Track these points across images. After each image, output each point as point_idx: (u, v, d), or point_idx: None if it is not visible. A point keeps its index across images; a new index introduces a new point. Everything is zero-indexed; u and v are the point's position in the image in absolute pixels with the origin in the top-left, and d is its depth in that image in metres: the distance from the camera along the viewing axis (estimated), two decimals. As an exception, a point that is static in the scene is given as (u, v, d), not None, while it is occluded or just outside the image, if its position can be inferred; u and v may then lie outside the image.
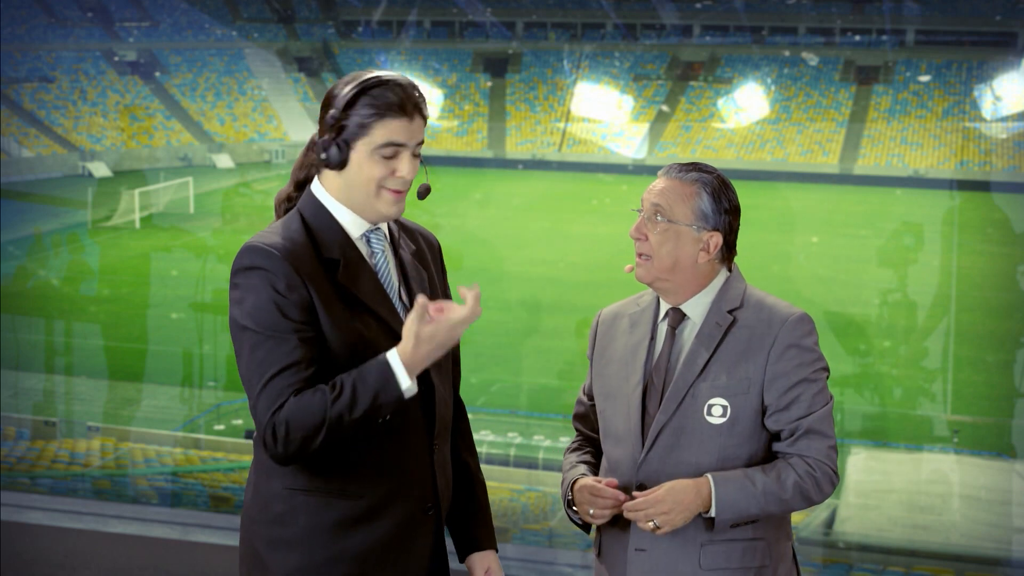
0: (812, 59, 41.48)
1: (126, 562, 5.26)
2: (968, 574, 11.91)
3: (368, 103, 2.33)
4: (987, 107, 38.47)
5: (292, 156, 40.37)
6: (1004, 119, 37.37)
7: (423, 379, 2.40)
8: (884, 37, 40.96)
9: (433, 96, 42.73)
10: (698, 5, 42.30)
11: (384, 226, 2.46)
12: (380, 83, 2.34)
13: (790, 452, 2.44)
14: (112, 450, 14.88)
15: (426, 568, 2.44)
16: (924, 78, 39.99)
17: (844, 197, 35.57)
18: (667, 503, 2.41)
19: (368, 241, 2.43)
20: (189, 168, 37.26)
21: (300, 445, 2.22)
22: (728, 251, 2.56)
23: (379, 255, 2.43)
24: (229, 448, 16.46)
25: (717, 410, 2.46)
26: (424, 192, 2.46)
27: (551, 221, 29.13)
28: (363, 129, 2.33)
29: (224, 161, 39.25)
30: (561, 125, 41.02)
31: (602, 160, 39.55)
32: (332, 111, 2.36)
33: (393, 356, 2.23)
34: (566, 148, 40.38)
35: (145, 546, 5.47)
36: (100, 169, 36.47)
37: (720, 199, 2.52)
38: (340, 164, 2.37)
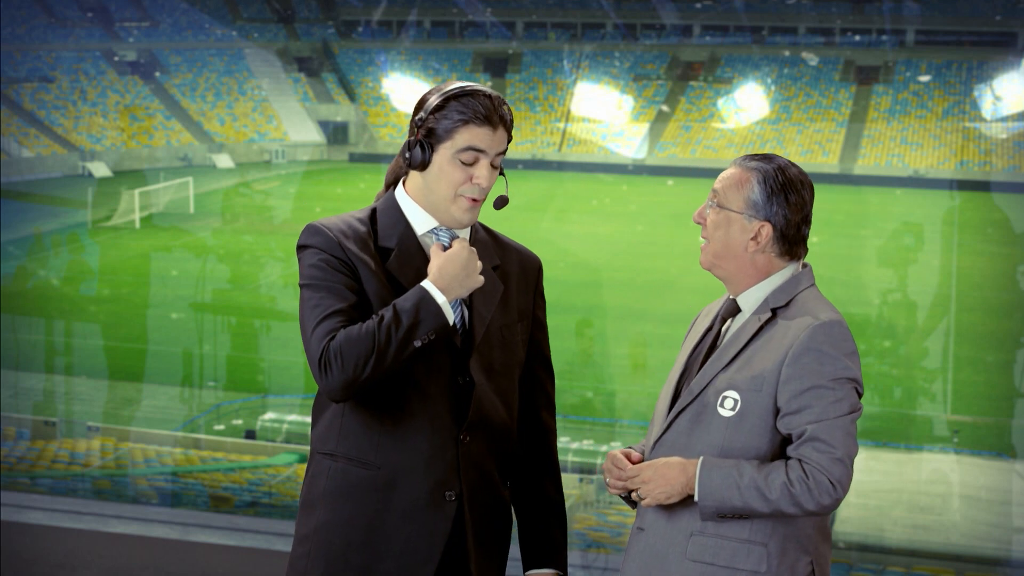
0: (812, 59, 41.49)
1: (126, 562, 5.27)
2: (968, 574, 11.92)
3: (456, 109, 2.46)
4: (987, 107, 38.48)
5: (292, 156, 40.39)
6: (1004, 119, 37.38)
7: (463, 373, 2.51)
8: (884, 37, 40.97)
9: (433, 96, 42.66)
10: (698, 5, 42.31)
11: (464, 232, 2.58)
12: (469, 92, 2.48)
13: (792, 456, 2.40)
14: (112, 450, 14.88)
15: (438, 552, 2.50)
16: (924, 78, 40.00)
17: (844, 197, 35.57)
18: (647, 474, 2.44)
19: (437, 238, 2.55)
20: (189, 168, 37.27)
21: (354, 369, 2.36)
22: (788, 246, 2.53)
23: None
24: (229, 448, 16.46)
25: (729, 403, 2.45)
26: (500, 203, 2.58)
27: (551, 221, 29.16)
28: (448, 133, 2.46)
29: (224, 161, 39.26)
30: (561, 125, 41.04)
31: (602, 160, 39.56)
32: (420, 114, 2.50)
33: (425, 282, 2.42)
34: (566, 148, 40.40)
35: (145, 546, 5.47)
36: (100, 169, 36.47)
37: (774, 191, 2.51)
38: (422, 165, 2.50)
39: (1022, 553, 13.01)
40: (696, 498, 2.40)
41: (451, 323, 2.41)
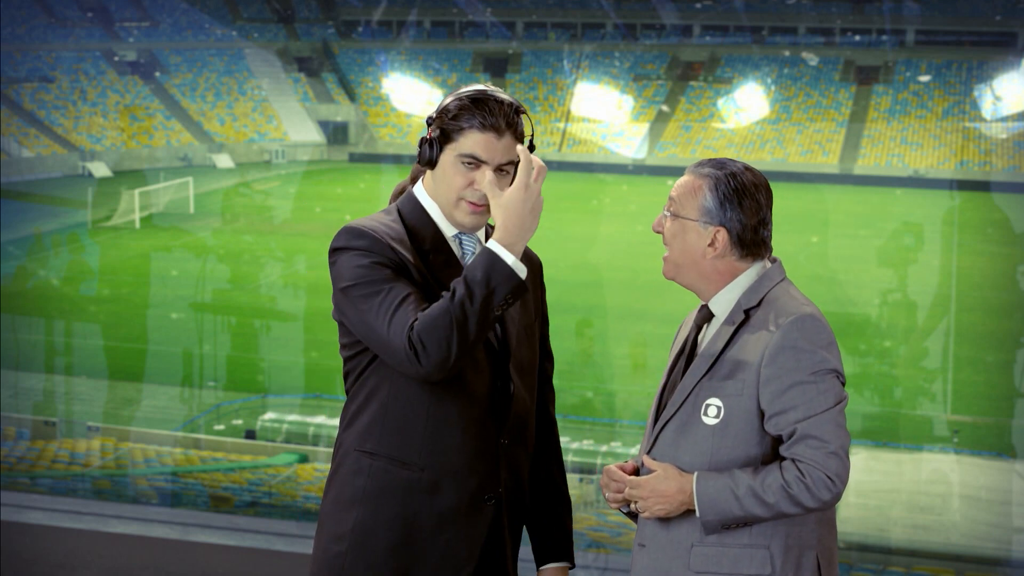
0: (812, 59, 41.49)
1: (126, 562, 5.27)
2: (968, 574, 11.92)
3: (465, 112, 2.46)
4: (987, 107, 38.48)
5: (292, 156, 40.39)
6: (1004, 119, 37.38)
7: (503, 376, 2.51)
8: (884, 37, 40.98)
9: (433, 96, 42.69)
10: (698, 5, 42.31)
11: (480, 233, 2.58)
12: (482, 97, 2.47)
13: (786, 456, 2.39)
14: (112, 450, 14.89)
15: (476, 555, 2.51)
16: (924, 78, 40.00)
17: (844, 197, 35.57)
18: (645, 489, 2.44)
19: (460, 243, 2.55)
20: (189, 168, 37.28)
21: (440, 351, 2.33)
22: (747, 249, 2.51)
23: (469, 256, 2.55)
24: (229, 448, 16.46)
25: (712, 410, 2.44)
26: None
27: (551, 221, 29.08)
28: (454, 135, 2.46)
29: (224, 161, 39.26)
30: (561, 125, 41.05)
31: (602, 160, 39.56)
32: (437, 113, 2.51)
33: (491, 242, 2.36)
34: (566, 148, 40.41)
35: (145, 546, 5.47)
36: (100, 169, 36.47)
37: (727, 195, 2.48)
38: (430, 163, 2.50)
39: (1022, 553, 13.02)
40: (697, 514, 2.40)
41: (523, 279, 2.37)
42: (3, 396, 17.41)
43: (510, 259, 2.35)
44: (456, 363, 2.35)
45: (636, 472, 2.54)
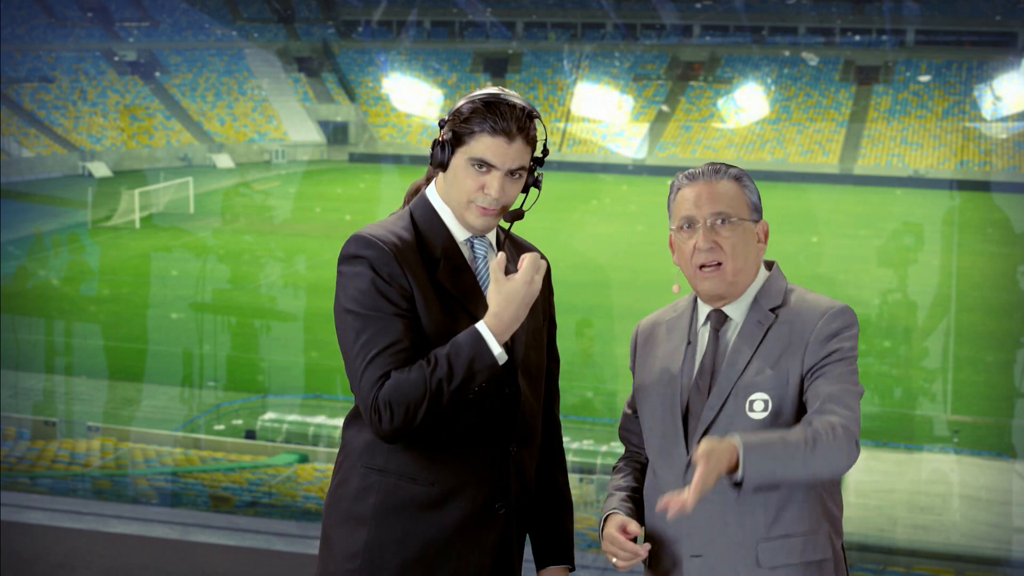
0: (812, 59, 41.50)
1: (126, 562, 5.27)
2: (968, 574, 11.93)
3: (476, 116, 2.45)
4: (987, 107, 38.49)
5: (292, 156, 40.40)
6: (1004, 119, 37.39)
7: (512, 383, 2.50)
8: (884, 37, 40.99)
9: (433, 96, 42.70)
10: (698, 5, 42.33)
11: (490, 235, 2.59)
12: (495, 101, 2.46)
13: (814, 419, 2.37)
14: (112, 450, 14.90)
15: (488, 565, 2.51)
16: (924, 78, 40.02)
17: (844, 197, 35.59)
18: (703, 457, 2.24)
19: (472, 246, 2.55)
20: (189, 168, 37.29)
21: (404, 419, 2.35)
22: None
23: (480, 260, 2.55)
24: (229, 448, 16.47)
25: (759, 405, 2.44)
26: (512, 216, 2.53)
27: (551, 221, 29.13)
28: (465, 138, 2.46)
29: (224, 161, 39.27)
30: (561, 125, 41.05)
31: (602, 160, 39.57)
32: (450, 115, 2.51)
33: (482, 326, 2.37)
34: (566, 148, 40.41)
35: (145, 546, 5.48)
36: (100, 169, 36.49)
37: (755, 188, 2.59)
38: (441, 165, 2.50)
39: (1022, 553, 13.02)
40: (740, 455, 2.25)
41: (501, 361, 2.38)
42: (3, 396, 17.42)
43: (496, 349, 2.36)
44: (416, 431, 2.36)
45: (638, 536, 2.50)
